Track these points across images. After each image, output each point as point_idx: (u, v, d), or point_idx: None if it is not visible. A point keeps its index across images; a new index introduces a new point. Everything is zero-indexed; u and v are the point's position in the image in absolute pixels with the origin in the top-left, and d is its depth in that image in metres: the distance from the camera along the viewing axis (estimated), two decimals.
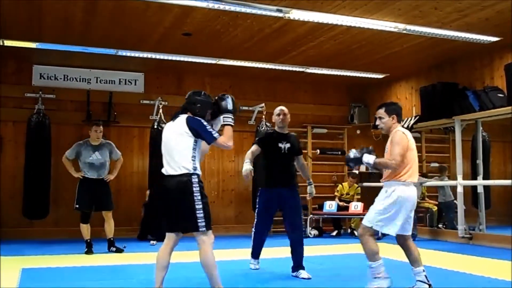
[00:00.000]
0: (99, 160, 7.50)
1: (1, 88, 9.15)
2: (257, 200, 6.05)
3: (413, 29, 7.39)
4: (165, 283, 4.32)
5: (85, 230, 7.43)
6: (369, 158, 4.89)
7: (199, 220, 4.08)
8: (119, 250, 7.50)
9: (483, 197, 8.86)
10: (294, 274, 5.63)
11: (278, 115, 5.90)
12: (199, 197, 4.06)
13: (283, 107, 5.96)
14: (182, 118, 4.20)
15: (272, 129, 6.26)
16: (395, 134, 4.65)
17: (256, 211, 6.05)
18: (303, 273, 5.55)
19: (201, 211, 4.06)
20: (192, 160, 4.11)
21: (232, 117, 4.20)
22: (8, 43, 8.10)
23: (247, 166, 5.68)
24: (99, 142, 7.61)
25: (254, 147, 5.94)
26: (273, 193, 5.83)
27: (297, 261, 5.66)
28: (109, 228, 7.58)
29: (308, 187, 6.20)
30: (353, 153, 5.03)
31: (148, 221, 9.10)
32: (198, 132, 4.10)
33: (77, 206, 7.42)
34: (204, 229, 4.10)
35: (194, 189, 4.05)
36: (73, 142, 9.36)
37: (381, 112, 4.81)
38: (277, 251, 7.04)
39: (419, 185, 9.34)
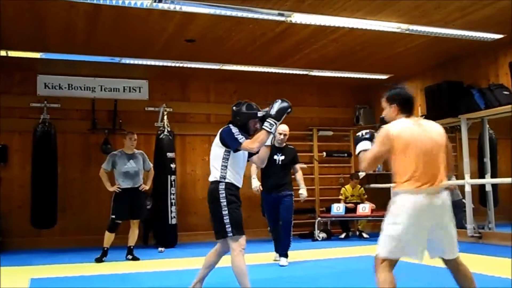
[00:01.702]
0: (134, 168, 7.52)
1: (6, 98, 9.20)
2: (261, 203, 7.30)
3: (416, 29, 7.38)
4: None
5: (110, 238, 7.43)
6: (361, 147, 3.86)
7: (226, 226, 4.21)
8: (135, 258, 7.50)
9: (492, 195, 8.81)
10: (277, 258, 6.85)
11: (280, 134, 6.79)
12: (225, 204, 4.22)
13: (285, 127, 6.83)
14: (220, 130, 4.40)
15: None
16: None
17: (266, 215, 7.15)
18: (282, 260, 6.65)
19: (227, 217, 4.20)
20: (222, 169, 4.29)
21: (272, 121, 4.18)
22: (12, 54, 8.14)
23: (255, 183, 6.93)
24: (133, 151, 7.64)
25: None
26: (270, 198, 6.90)
27: (283, 250, 6.76)
28: (133, 236, 7.59)
29: (299, 191, 7.14)
30: (361, 134, 4.21)
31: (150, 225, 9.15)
32: (224, 140, 4.28)
33: (113, 216, 7.41)
34: (231, 234, 4.21)
35: (221, 195, 4.24)
36: (79, 151, 9.48)
37: (383, 101, 3.81)
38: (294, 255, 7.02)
39: None
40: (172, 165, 9.17)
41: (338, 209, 10.05)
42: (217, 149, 4.35)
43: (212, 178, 4.33)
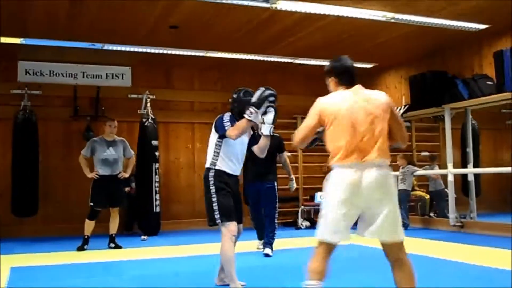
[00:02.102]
0: (113, 156, 7.44)
1: None
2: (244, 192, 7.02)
3: (401, 18, 7.37)
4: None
5: (90, 226, 7.37)
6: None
7: (215, 213, 4.27)
8: (118, 247, 7.44)
9: (474, 185, 8.88)
10: (261, 247, 6.80)
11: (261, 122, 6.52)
12: (214, 191, 4.27)
13: None
14: None
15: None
16: None
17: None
18: (267, 250, 6.54)
19: (216, 204, 4.25)
20: (214, 155, 4.35)
21: (252, 109, 4.17)
22: None
23: None
24: (113, 138, 7.55)
25: None
26: (253, 186, 6.86)
27: (268, 241, 6.65)
28: (114, 224, 7.53)
29: (289, 183, 7.20)
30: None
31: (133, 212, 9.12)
32: (216, 126, 4.36)
33: (92, 204, 7.34)
34: (219, 221, 4.25)
35: (210, 182, 4.30)
36: (61, 138, 9.37)
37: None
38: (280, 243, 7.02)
39: (410, 174, 9.35)
40: (156, 153, 9.11)
41: (321, 197, 10.06)
42: (212, 136, 4.42)
43: (206, 165, 4.40)
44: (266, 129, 4.25)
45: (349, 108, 3.14)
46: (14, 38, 8.03)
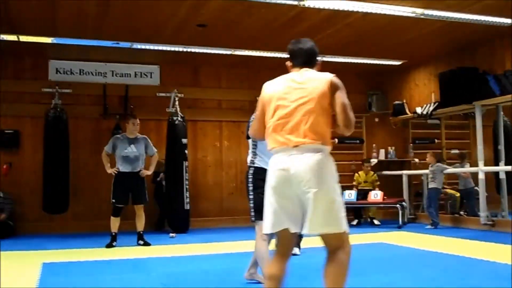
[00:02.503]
0: (134, 153, 7.51)
1: (18, 83, 9.23)
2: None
3: (430, 14, 7.26)
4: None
5: (115, 223, 7.46)
6: None
7: (251, 211, 4.29)
8: (146, 244, 7.50)
9: (505, 183, 8.71)
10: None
11: None
12: (252, 188, 4.28)
13: None
14: None
15: None
16: None
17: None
18: (294, 249, 6.03)
19: (252, 202, 4.27)
20: (253, 153, 4.37)
21: None
22: (23, 38, 8.13)
23: None
24: (135, 136, 7.62)
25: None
26: None
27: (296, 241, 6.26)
28: (140, 221, 7.59)
29: None
30: None
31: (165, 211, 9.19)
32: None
33: (113, 200, 7.44)
34: (253, 219, 4.27)
35: (249, 180, 4.32)
36: (91, 136, 9.49)
37: None
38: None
39: (440, 172, 9.22)
40: (186, 151, 9.17)
41: (349, 196, 10.00)
42: None
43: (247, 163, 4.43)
44: None
45: (283, 90, 3.01)
46: (45, 37, 8.16)
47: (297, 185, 2.81)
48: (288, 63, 3.21)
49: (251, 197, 4.27)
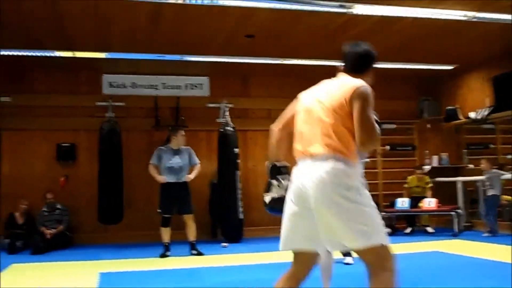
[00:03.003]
0: (179, 163, 7.63)
1: (73, 98, 9.53)
2: None
3: (483, 17, 7.10)
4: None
5: (165, 233, 7.59)
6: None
7: None
8: (199, 253, 7.58)
9: None
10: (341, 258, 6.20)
11: None
12: None
13: None
14: None
15: None
16: None
17: None
18: (347, 259, 6.12)
19: None
20: None
21: None
22: (78, 54, 8.39)
23: None
24: (179, 147, 7.74)
25: None
26: None
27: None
28: (191, 231, 7.67)
29: None
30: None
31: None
32: None
33: (160, 211, 7.58)
34: None
35: None
36: (143, 148, 9.66)
37: None
38: None
39: (497, 178, 8.97)
40: (238, 161, 9.24)
41: (403, 203, 9.83)
42: None
43: None
44: None
45: (313, 97, 2.86)
46: (99, 52, 8.39)
47: (308, 198, 2.59)
48: (339, 67, 2.99)
49: None
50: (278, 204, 3.01)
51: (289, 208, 2.75)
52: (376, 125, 2.63)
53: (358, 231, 2.52)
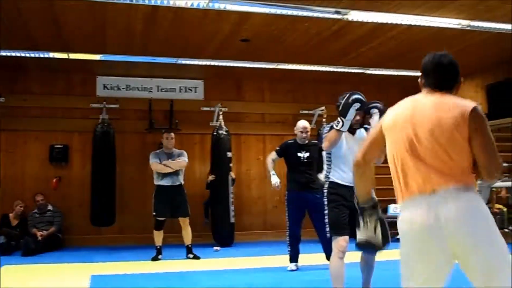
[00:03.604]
0: (172, 162, 7.61)
1: (67, 99, 9.51)
2: (286, 203, 6.69)
3: (477, 25, 7.14)
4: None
5: (158, 236, 7.57)
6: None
7: (326, 226, 4.20)
8: (196, 257, 7.57)
9: None
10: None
11: (301, 132, 6.46)
12: (326, 203, 4.22)
13: (306, 124, 6.51)
14: None
15: (293, 139, 6.66)
16: None
17: (287, 215, 6.60)
18: None
19: (327, 217, 4.20)
20: (328, 168, 4.30)
21: (338, 119, 4.08)
22: (73, 56, 8.37)
23: (275, 179, 6.38)
24: (172, 150, 7.73)
25: (274, 155, 6.57)
26: (297, 195, 6.42)
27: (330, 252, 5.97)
28: (186, 235, 7.66)
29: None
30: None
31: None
32: None
33: (154, 213, 7.55)
34: (328, 235, 4.20)
35: (324, 194, 4.27)
36: (137, 150, 9.66)
37: None
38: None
39: (487, 187, 9.01)
40: (231, 165, 9.23)
41: (395, 209, 9.85)
42: None
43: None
44: (335, 122, 4.11)
45: (417, 118, 2.39)
46: (94, 54, 8.38)
47: (455, 237, 2.21)
48: (421, 79, 2.61)
49: (325, 212, 4.18)
50: (367, 247, 2.82)
51: (423, 254, 2.31)
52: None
53: None
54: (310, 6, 6.38)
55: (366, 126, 4.34)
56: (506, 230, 9.47)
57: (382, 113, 3.88)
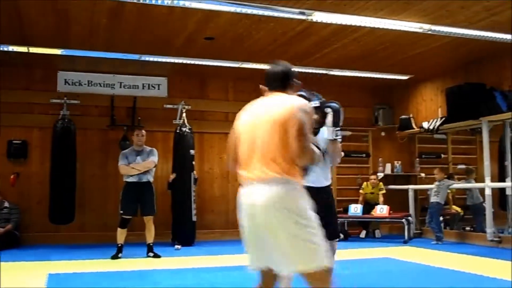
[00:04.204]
0: (140, 164, 7.56)
1: (27, 94, 9.30)
2: None
3: (438, 29, 7.28)
4: None
5: (121, 234, 7.49)
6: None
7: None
8: (156, 256, 7.51)
9: None
10: None
11: None
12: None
13: None
14: None
15: None
16: None
17: None
18: None
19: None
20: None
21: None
22: (33, 50, 8.20)
23: None
24: (142, 148, 7.67)
25: None
26: None
27: None
28: (150, 233, 7.60)
29: None
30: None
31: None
32: None
33: (122, 212, 7.47)
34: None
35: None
36: (98, 147, 9.55)
37: None
38: None
39: (446, 188, 9.21)
40: (193, 162, 9.19)
41: (355, 209, 9.99)
42: None
43: None
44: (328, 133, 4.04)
45: (251, 118, 2.96)
46: (54, 49, 8.23)
47: (261, 219, 2.74)
48: (263, 87, 3.12)
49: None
50: None
51: (247, 227, 2.85)
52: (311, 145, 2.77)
53: (304, 254, 2.65)
54: (275, 6, 6.41)
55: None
56: (457, 230, 9.73)
57: (336, 112, 3.97)
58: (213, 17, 6.84)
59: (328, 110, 3.99)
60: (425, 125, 10.12)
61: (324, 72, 9.79)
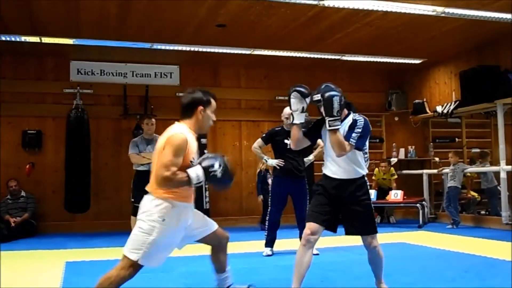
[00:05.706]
0: (151, 153, 7.56)
1: (40, 84, 9.36)
2: (270, 188, 6.86)
3: (452, 12, 7.21)
4: None
5: (134, 223, 7.50)
6: None
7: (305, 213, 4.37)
8: None
9: None
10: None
11: (287, 118, 6.27)
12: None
13: (288, 111, 6.11)
14: None
15: (280, 126, 6.61)
16: None
17: (269, 200, 6.63)
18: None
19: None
20: (324, 161, 4.23)
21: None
22: (46, 40, 8.23)
23: (273, 161, 6.49)
24: (152, 137, 7.67)
25: (260, 142, 6.62)
26: (282, 181, 6.43)
27: None
28: None
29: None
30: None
31: None
32: None
33: (133, 200, 7.50)
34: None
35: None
36: (111, 136, 9.58)
37: None
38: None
39: (461, 171, 9.15)
40: (205, 151, 9.20)
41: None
42: None
43: None
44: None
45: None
46: (67, 38, 8.26)
47: None
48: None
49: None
50: None
51: None
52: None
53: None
54: None
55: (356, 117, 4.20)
56: (473, 215, 9.68)
57: (327, 101, 3.83)
58: (224, 3, 6.82)
59: (318, 98, 3.86)
60: (439, 109, 10.04)
61: (336, 57, 9.74)
